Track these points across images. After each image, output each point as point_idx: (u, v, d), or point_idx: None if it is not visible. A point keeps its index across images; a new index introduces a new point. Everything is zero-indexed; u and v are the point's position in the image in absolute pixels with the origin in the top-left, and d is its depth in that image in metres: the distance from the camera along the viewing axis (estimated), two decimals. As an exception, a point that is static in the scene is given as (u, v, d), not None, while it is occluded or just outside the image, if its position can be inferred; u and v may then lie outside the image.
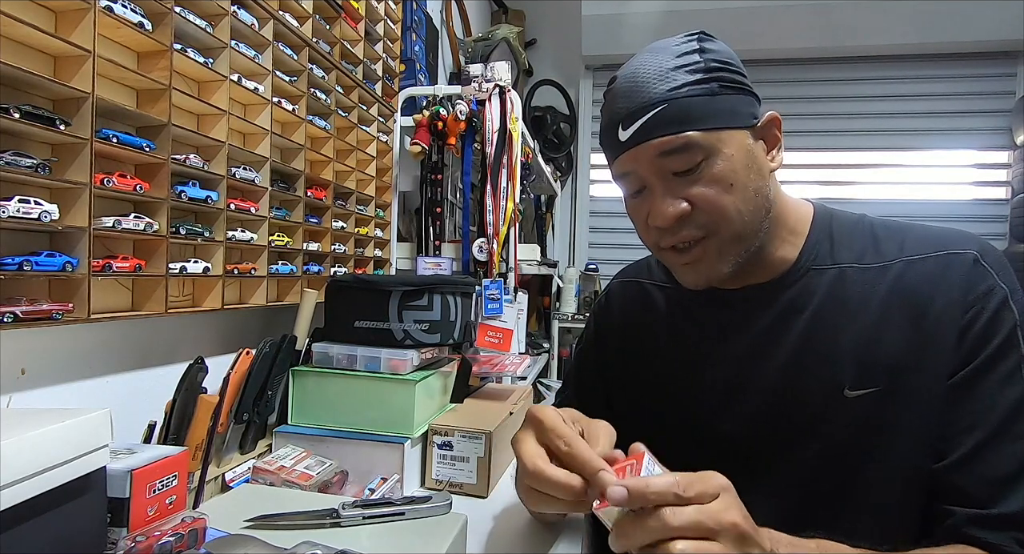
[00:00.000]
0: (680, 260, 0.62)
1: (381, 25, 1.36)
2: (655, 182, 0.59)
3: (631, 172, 0.61)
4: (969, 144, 2.72)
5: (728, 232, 0.59)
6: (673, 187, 0.59)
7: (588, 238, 3.07)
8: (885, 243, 0.63)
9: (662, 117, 0.57)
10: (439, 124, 1.38)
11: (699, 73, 0.57)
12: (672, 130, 0.56)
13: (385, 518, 0.66)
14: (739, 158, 0.58)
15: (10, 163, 0.57)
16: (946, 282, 0.58)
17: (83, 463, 0.50)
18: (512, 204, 1.37)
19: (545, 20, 3.03)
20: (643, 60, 0.60)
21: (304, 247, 1.07)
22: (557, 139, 2.82)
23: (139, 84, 0.73)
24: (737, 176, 0.57)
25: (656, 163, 0.58)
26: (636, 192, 0.63)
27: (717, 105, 0.57)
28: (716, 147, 0.57)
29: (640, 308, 0.76)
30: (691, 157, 0.57)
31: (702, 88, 0.57)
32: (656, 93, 0.57)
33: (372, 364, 0.92)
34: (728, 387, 0.66)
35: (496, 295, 1.31)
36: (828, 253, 0.64)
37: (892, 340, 0.59)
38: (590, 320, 0.83)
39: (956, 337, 0.57)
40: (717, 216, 0.58)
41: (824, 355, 0.61)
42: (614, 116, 0.60)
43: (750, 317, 0.66)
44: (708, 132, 0.56)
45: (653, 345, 0.73)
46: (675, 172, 0.58)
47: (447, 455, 0.91)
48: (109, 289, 0.73)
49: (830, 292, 0.62)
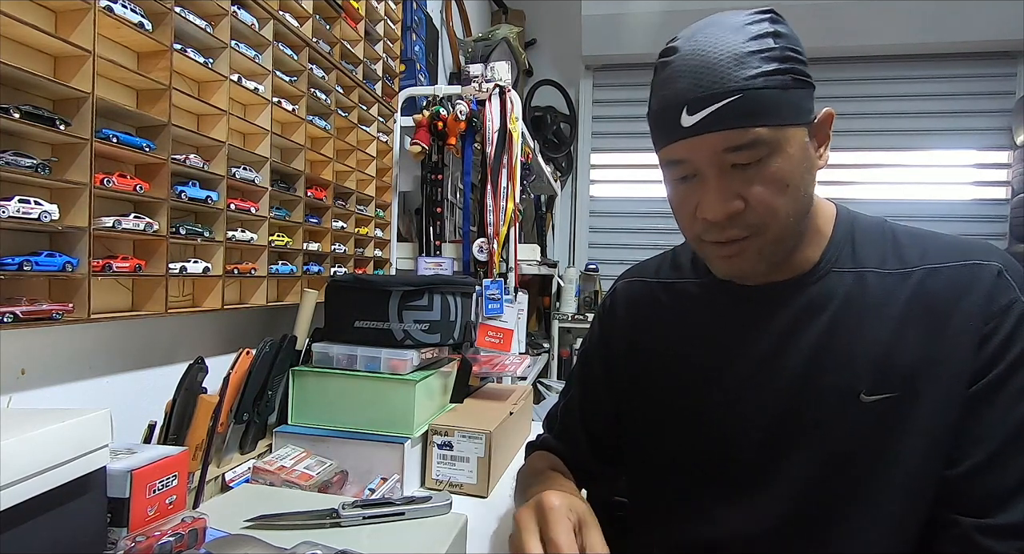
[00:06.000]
0: (720, 252, 0.59)
1: (381, 25, 1.36)
2: (712, 174, 0.55)
3: (687, 160, 0.57)
4: (969, 144, 2.72)
5: (773, 234, 0.57)
6: (729, 181, 0.55)
7: (588, 238, 3.06)
8: (907, 249, 0.62)
9: (735, 108, 0.52)
10: (439, 124, 1.38)
11: (775, 62, 0.52)
12: (743, 123, 0.52)
13: (385, 518, 0.66)
14: (797, 157, 0.55)
15: (10, 163, 0.57)
16: (969, 292, 0.57)
17: (83, 463, 0.50)
18: (512, 204, 1.37)
19: (545, 20, 3.03)
20: (713, 36, 0.54)
21: (304, 247, 1.07)
22: (557, 139, 2.81)
23: (139, 84, 0.73)
24: (793, 176, 0.55)
25: (719, 156, 0.54)
26: (684, 178, 0.59)
27: (788, 99, 0.53)
28: (780, 144, 0.54)
29: (648, 309, 0.74)
30: (755, 153, 0.53)
31: (777, 80, 0.52)
32: (731, 80, 0.52)
33: (372, 364, 0.92)
34: (740, 386, 0.64)
35: (496, 295, 1.31)
36: (850, 256, 0.63)
37: (911, 347, 0.58)
38: (595, 322, 0.82)
39: (975, 347, 0.56)
40: (768, 218, 0.56)
41: (841, 358, 0.59)
42: (678, 97, 0.54)
43: (767, 315, 0.64)
44: (775, 128, 0.53)
45: (661, 345, 0.71)
46: (734, 164, 0.55)
47: (447, 455, 0.91)
48: (109, 289, 0.73)
49: (850, 295, 0.61)
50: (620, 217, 3.03)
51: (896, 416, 0.57)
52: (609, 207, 3.05)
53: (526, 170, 1.69)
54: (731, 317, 0.66)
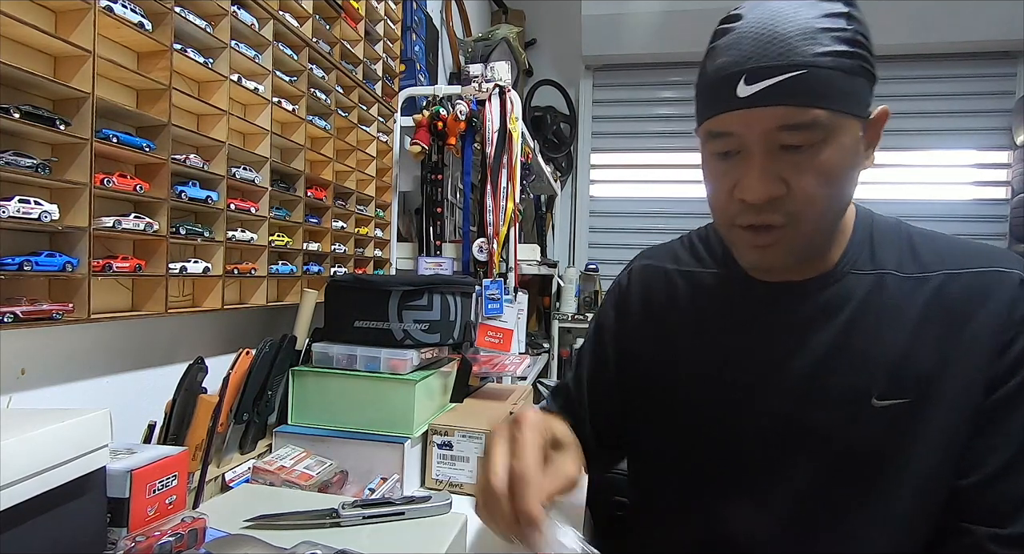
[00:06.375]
0: (753, 240, 0.56)
1: (381, 25, 1.36)
2: (759, 153, 0.52)
3: (735, 134, 0.53)
4: (969, 144, 2.72)
5: (810, 227, 0.54)
6: (775, 163, 0.52)
7: (588, 238, 3.07)
8: (925, 253, 0.61)
9: (797, 84, 0.49)
10: (439, 124, 1.38)
11: (845, 44, 0.50)
12: (803, 101, 0.49)
13: (385, 518, 0.66)
14: (849, 150, 0.52)
15: (10, 163, 0.57)
16: (989, 299, 0.56)
17: (83, 463, 0.50)
18: (512, 204, 1.37)
19: (545, 20, 3.03)
20: (784, 7, 0.51)
21: (304, 247, 1.07)
22: (557, 139, 2.82)
23: (139, 84, 0.73)
24: (841, 169, 0.53)
25: (771, 133, 0.51)
26: (726, 154, 0.55)
27: (852, 86, 0.51)
28: (835, 132, 0.51)
29: (663, 296, 0.71)
30: (810, 136, 0.50)
31: (845, 63, 0.50)
32: (799, 53, 0.49)
33: (372, 364, 0.92)
34: (749, 384, 0.63)
35: (496, 295, 1.31)
36: (868, 258, 0.61)
37: (926, 352, 0.57)
38: (608, 298, 0.79)
39: (992, 356, 0.56)
40: (808, 209, 0.53)
41: (855, 361, 0.58)
42: (738, 65, 0.51)
43: (782, 314, 0.62)
44: (834, 113, 0.50)
45: (673, 334, 0.69)
46: (784, 145, 0.52)
47: (447, 455, 0.91)
48: (109, 289, 0.73)
49: (867, 298, 0.59)
50: (620, 217, 3.03)
51: (907, 421, 0.57)
52: (609, 207, 3.05)
53: (526, 170, 1.69)
54: (746, 312, 0.64)
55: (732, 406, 0.64)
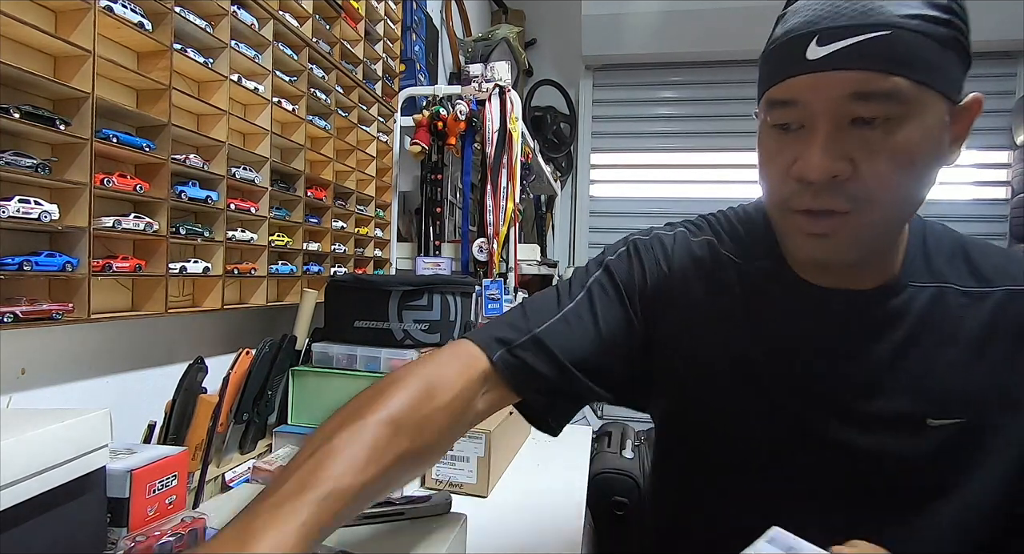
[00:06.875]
0: (810, 227, 0.49)
1: (381, 25, 1.36)
2: (824, 125, 0.45)
3: (800, 102, 0.46)
4: (969, 144, 2.62)
5: (878, 216, 0.47)
6: (844, 138, 0.45)
7: (588, 238, 3.06)
8: (982, 266, 0.56)
9: (878, 46, 0.43)
10: (439, 124, 1.38)
11: (938, 10, 0.44)
12: (882, 66, 0.43)
13: (385, 518, 0.66)
14: (932, 133, 0.46)
15: (10, 163, 0.57)
16: None
17: (83, 463, 0.50)
18: (512, 204, 1.37)
19: (545, 20, 3.02)
20: None
21: (304, 247, 1.07)
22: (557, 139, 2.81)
23: (139, 84, 0.73)
24: (921, 154, 0.46)
25: (842, 103, 0.44)
26: (786, 127, 0.49)
27: (942, 58, 0.44)
28: (918, 108, 0.44)
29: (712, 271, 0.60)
30: (888, 108, 0.44)
31: (937, 30, 0.43)
32: (882, 12, 0.43)
33: (372, 364, 0.93)
34: (791, 397, 0.56)
35: (496, 295, 1.31)
36: (925, 268, 0.55)
37: (985, 372, 0.53)
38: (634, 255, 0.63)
39: None
40: (878, 193, 0.46)
41: (910, 379, 0.53)
42: (809, 24, 0.45)
43: (834, 324, 0.55)
44: (919, 86, 0.43)
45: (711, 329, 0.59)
46: (856, 119, 0.45)
47: (447, 455, 0.91)
48: (109, 289, 0.73)
49: (926, 313, 0.54)
50: (620, 217, 3.03)
51: (963, 443, 0.53)
52: (609, 207, 3.05)
53: (526, 170, 1.69)
54: (790, 317, 0.57)
55: (769, 419, 0.57)
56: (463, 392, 0.53)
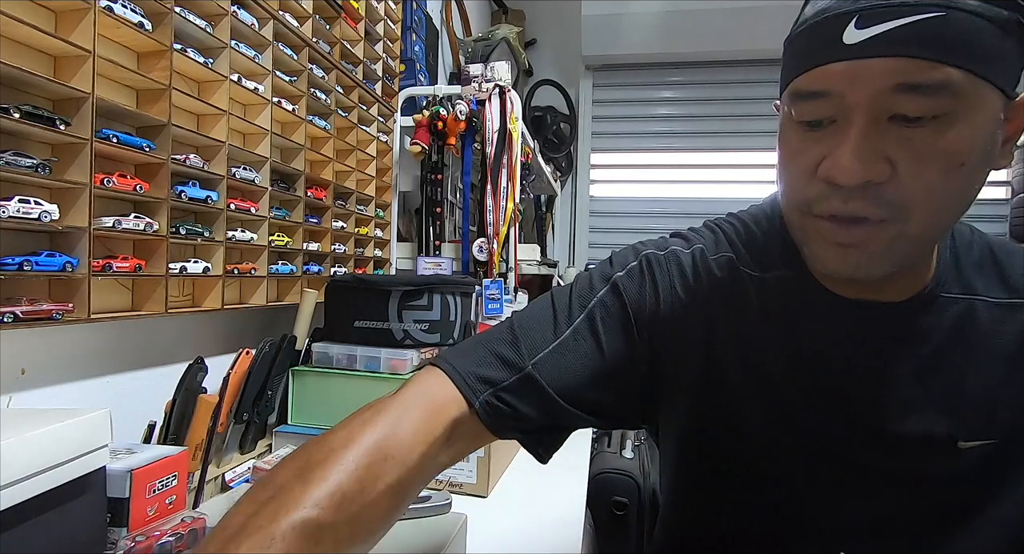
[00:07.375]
0: (836, 235, 0.43)
1: (381, 25, 1.36)
2: (862, 119, 0.40)
3: (832, 93, 0.40)
4: None
5: (916, 228, 0.42)
6: (880, 136, 0.40)
7: (588, 238, 3.06)
8: (1011, 273, 0.52)
9: (927, 30, 0.37)
10: (439, 124, 1.38)
11: None
12: (931, 54, 0.37)
13: (385, 518, 0.66)
14: (985, 132, 0.40)
15: (10, 163, 0.57)
16: None
17: (83, 463, 0.50)
18: (512, 204, 1.37)
19: (545, 20, 3.03)
20: None
21: (304, 247, 1.07)
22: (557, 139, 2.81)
23: (139, 84, 0.73)
24: (972, 156, 0.39)
25: (883, 96, 0.39)
26: (813, 123, 0.43)
27: (1002, 46, 0.38)
28: (971, 104, 0.38)
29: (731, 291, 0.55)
30: (936, 104, 0.38)
31: (998, 13, 0.37)
32: None
33: (372, 364, 0.93)
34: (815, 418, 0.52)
35: (496, 295, 1.31)
36: (955, 279, 0.51)
37: (1018, 390, 0.49)
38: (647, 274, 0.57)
39: None
40: (920, 203, 0.40)
41: (940, 398, 0.50)
42: (847, 2, 0.39)
43: (859, 340, 0.51)
44: (974, 78, 0.37)
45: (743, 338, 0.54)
46: (894, 115, 0.39)
47: (447, 455, 0.91)
48: (109, 289, 0.73)
49: (957, 327, 0.50)
50: (620, 217, 3.03)
51: (994, 465, 0.50)
52: (609, 207, 3.05)
53: (526, 170, 1.69)
54: (811, 334, 0.52)
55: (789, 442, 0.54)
56: (421, 458, 0.44)
